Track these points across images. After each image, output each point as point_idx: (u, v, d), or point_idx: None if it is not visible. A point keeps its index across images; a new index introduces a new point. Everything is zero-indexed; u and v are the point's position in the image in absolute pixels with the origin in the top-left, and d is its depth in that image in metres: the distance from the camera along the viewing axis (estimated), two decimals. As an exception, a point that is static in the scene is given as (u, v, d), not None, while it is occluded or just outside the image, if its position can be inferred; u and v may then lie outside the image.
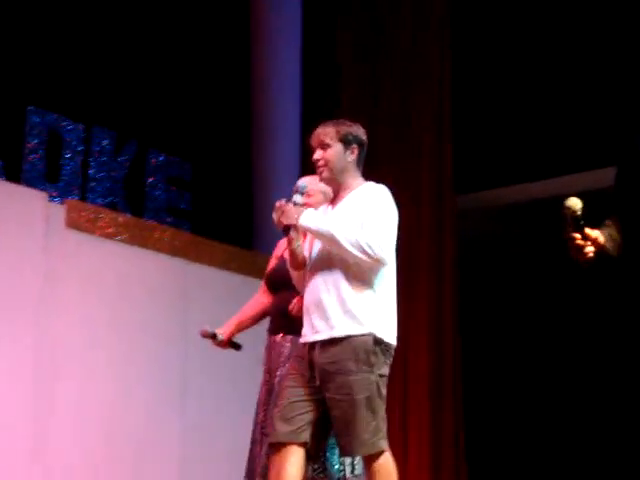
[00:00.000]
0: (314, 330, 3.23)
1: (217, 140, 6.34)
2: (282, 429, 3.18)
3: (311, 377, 3.21)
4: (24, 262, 4.44)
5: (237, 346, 3.75)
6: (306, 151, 6.34)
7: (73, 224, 4.67)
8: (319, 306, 3.23)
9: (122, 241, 4.88)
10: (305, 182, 3.41)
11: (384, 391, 3.21)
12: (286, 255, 3.60)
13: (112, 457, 4.62)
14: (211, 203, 6.25)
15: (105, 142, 5.57)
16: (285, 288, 3.58)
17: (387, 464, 3.18)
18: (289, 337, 3.54)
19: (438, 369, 5.90)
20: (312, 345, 3.22)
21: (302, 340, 3.26)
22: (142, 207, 5.76)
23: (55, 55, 5.45)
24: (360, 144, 3.39)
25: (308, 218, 3.26)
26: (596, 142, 5.80)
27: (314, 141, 3.38)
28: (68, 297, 4.58)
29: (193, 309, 5.14)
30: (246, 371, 3.74)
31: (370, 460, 3.17)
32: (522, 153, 6.05)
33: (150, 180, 5.83)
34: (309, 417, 3.20)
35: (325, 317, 3.21)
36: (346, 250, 3.18)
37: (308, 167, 5.78)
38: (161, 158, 5.91)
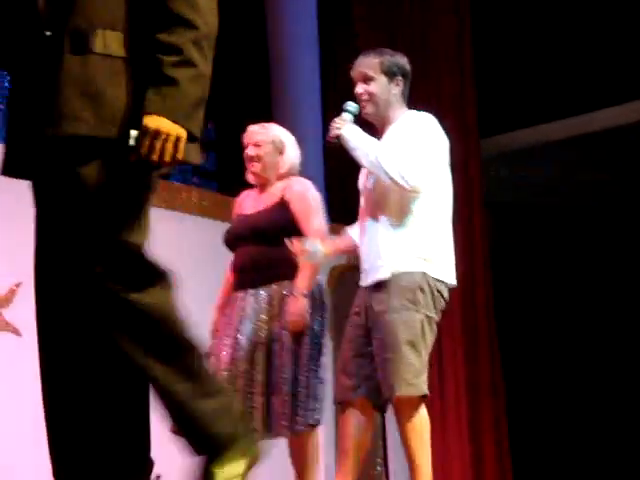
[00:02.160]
0: (366, 274, 3.23)
1: (238, 97, 6.33)
2: (344, 383, 3.20)
3: (366, 322, 3.20)
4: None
5: None
6: (327, 106, 6.37)
7: (101, 190, 4.69)
8: (369, 250, 3.22)
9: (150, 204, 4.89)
10: (356, 106, 3.30)
11: (429, 335, 3.12)
12: (243, 211, 3.73)
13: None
14: (236, 162, 6.25)
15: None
16: (240, 243, 3.62)
17: (423, 413, 3.12)
18: (250, 291, 3.54)
19: (472, 324, 5.90)
20: (367, 289, 3.21)
21: (361, 282, 3.26)
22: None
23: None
24: (404, 75, 3.28)
25: (352, 131, 3.17)
26: (610, 79, 5.72)
27: (356, 74, 3.26)
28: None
29: (225, 267, 5.16)
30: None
31: (407, 405, 3.09)
32: (540, 94, 5.99)
33: (174, 142, 5.83)
34: (365, 372, 3.19)
35: (373, 260, 3.20)
36: (382, 171, 3.09)
37: (329, 122, 5.78)
38: (184, 119, 5.90)
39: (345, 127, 3.18)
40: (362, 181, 3.38)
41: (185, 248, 5.04)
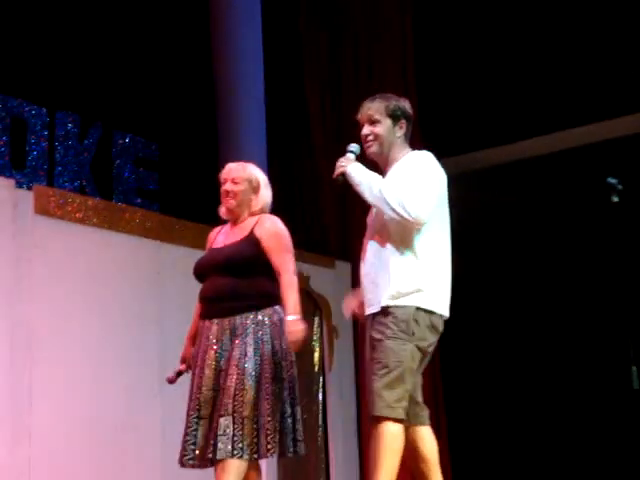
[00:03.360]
0: (368, 304, 3.38)
1: (182, 118, 6.32)
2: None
3: (368, 353, 3.35)
4: (-6, 250, 4.40)
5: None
6: (272, 128, 6.39)
7: (42, 210, 4.63)
8: (369, 279, 3.37)
9: (92, 225, 4.85)
10: (357, 147, 3.46)
11: (418, 364, 3.29)
12: (214, 245, 3.82)
13: (93, 441, 4.61)
14: (179, 182, 6.22)
15: (70, 126, 5.52)
16: (209, 274, 3.70)
17: (398, 434, 3.23)
18: (215, 320, 3.62)
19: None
20: (368, 318, 3.37)
21: (365, 314, 3.40)
22: (111, 190, 5.73)
23: (14, 40, 5.38)
24: (408, 118, 3.44)
25: (356, 167, 3.34)
26: (560, 102, 5.83)
27: (362, 116, 3.43)
28: (41, 283, 4.55)
29: (167, 289, 5.13)
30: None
31: (385, 424, 3.22)
32: (491, 116, 6.09)
33: (117, 162, 5.79)
34: None
35: (374, 290, 3.34)
36: (385, 203, 3.24)
37: (274, 146, 5.80)
38: (127, 139, 5.87)
39: (350, 164, 3.35)
40: (371, 212, 3.53)
41: (127, 269, 4.99)
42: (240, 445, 3.43)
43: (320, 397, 5.94)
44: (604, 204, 3.50)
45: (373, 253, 3.36)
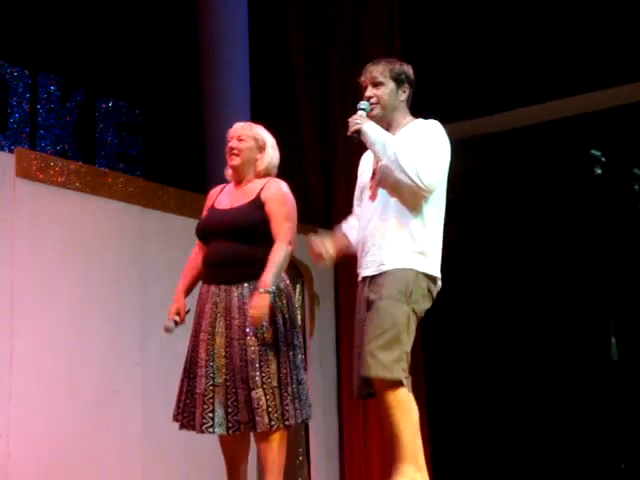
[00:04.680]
0: (366, 266, 3.34)
1: (166, 84, 6.26)
2: (356, 383, 3.30)
3: (363, 316, 3.31)
4: (-25, 214, 4.37)
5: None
6: (256, 93, 6.36)
7: (23, 173, 4.59)
8: (372, 242, 3.32)
9: (74, 189, 4.81)
10: (367, 104, 3.42)
11: (413, 328, 3.25)
12: (217, 205, 3.75)
13: (75, 408, 4.61)
14: (162, 148, 6.19)
15: (52, 88, 5.47)
16: (215, 238, 3.65)
17: (406, 396, 3.19)
18: (223, 287, 3.60)
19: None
20: (364, 280, 3.34)
21: (359, 277, 3.37)
22: (93, 154, 5.69)
23: (-4, 0, 5.31)
24: (411, 84, 3.44)
25: (371, 126, 3.31)
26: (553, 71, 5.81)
27: (366, 78, 3.41)
28: (21, 248, 4.52)
29: (149, 254, 5.12)
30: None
31: (386, 389, 3.18)
32: (475, 86, 6.07)
33: (100, 126, 5.75)
34: None
35: (377, 252, 3.30)
36: (399, 167, 3.22)
37: (259, 110, 5.78)
38: (110, 104, 5.82)
39: (365, 123, 3.31)
40: (366, 176, 3.47)
41: (110, 234, 4.97)
42: (275, 415, 3.47)
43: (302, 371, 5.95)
44: (587, 176, 3.51)
45: (379, 215, 3.31)
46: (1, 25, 5.31)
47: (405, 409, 3.17)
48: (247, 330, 3.51)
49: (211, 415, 3.52)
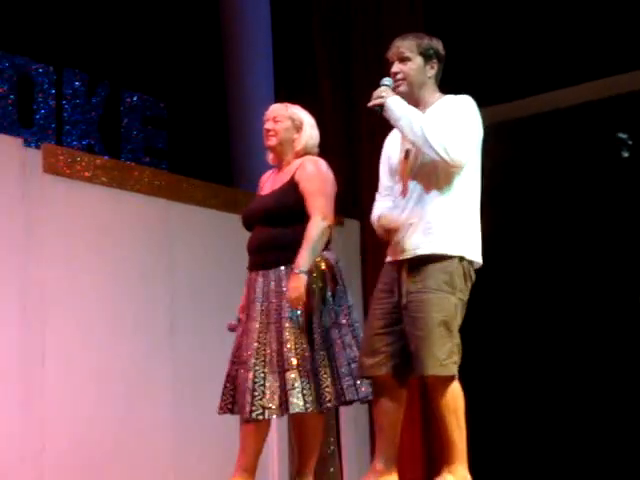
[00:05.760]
0: (402, 249, 3.18)
1: (191, 77, 6.27)
2: (366, 362, 3.21)
3: (398, 299, 3.18)
4: (2, 210, 4.41)
5: None
6: (280, 83, 6.34)
7: (50, 169, 4.62)
8: (410, 223, 3.18)
9: (101, 183, 4.84)
10: (391, 80, 3.28)
11: (461, 316, 3.16)
12: (262, 191, 3.71)
13: (105, 400, 4.65)
14: (188, 141, 6.20)
15: (77, 84, 5.50)
16: (254, 225, 3.62)
17: (457, 393, 3.13)
18: (261, 272, 3.56)
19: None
20: (400, 265, 3.19)
21: (390, 259, 3.24)
22: (119, 148, 5.72)
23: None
24: (440, 59, 3.28)
25: (396, 100, 3.16)
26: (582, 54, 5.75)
27: (393, 53, 3.26)
28: (50, 243, 4.56)
29: (177, 248, 5.14)
30: (233, 307, 3.76)
31: (440, 384, 3.11)
32: (500, 71, 6.02)
33: (125, 120, 5.77)
34: (392, 349, 3.18)
35: (415, 235, 3.16)
36: (426, 142, 3.08)
37: (283, 100, 5.75)
38: (135, 98, 5.85)
39: (390, 97, 3.16)
40: (396, 156, 3.31)
41: (137, 228, 5.00)
42: (310, 398, 3.42)
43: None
44: (615, 159, 3.47)
45: (416, 197, 3.16)
46: (25, 22, 5.35)
47: (457, 407, 3.11)
48: (282, 314, 3.47)
49: (260, 402, 3.44)
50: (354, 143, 6.37)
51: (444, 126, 3.10)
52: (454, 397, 3.11)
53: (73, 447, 4.47)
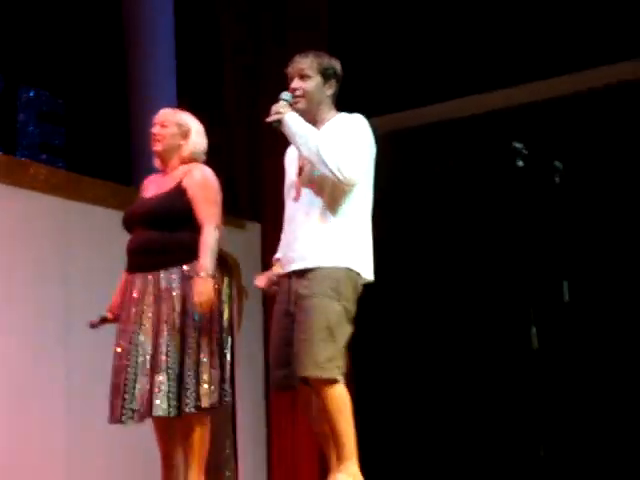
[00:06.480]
0: (291, 261, 3.31)
1: (90, 73, 6.16)
2: (278, 374, 3.32)
3: (290, 308, 3.29)
4: None
5: None
6: (183, 83, 6.29)
7: (-59, 164, 4.48)
8: (296, 238, 3.31)
9: (-5, 180, 4.72)
10: (289, 95, 3.39)
11: (348, 325, 3.26)
12: (144, 194, 3.75)
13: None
14: (86, 139, 6.10)
15: (-30, 78, 5.34)
16: (136, 226, 3.64)
17: (341, 394, 3.21)
18: (139, 275, 3.58)
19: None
20: (289, 275, 3.31)
21: (283, 271, 3.36)
22: (14, 144, 5.58)
23: None
24: (338, 79, 3.41)
25: (293, 117, 3.28)
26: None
27: (293, 70, 3.37)
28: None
29: (74, 247, 5.03)
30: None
31: (322, 387, 3.19)
32: (402, 79, 6.11)
33: (21, 116, 5.64)
34: None
35: (302, 248, 3.28)
36: (321, 160, 3.20)
37: (185, 99, 5.71)
38: (31, 93, 5.72)
39: (288, 113, 3.28)
40: (291, 171, 3.45)
41: (32, 226, 4.88)
42: (174, 403, 3.44)
43: (228, 358, 5.94)
44: (510, 168, 3.57)
45: (303, 211, 3.30)
46: None
47: (342, 407, 3.18)
48: (160, 317, 3.49)
49: (130, 406, 3.47)
50: (256, 152, 6.39)
51: (338, 145, 3.22)
52: (338, 399, 3.19)
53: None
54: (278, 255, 3.52)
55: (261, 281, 3.53)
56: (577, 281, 4.07)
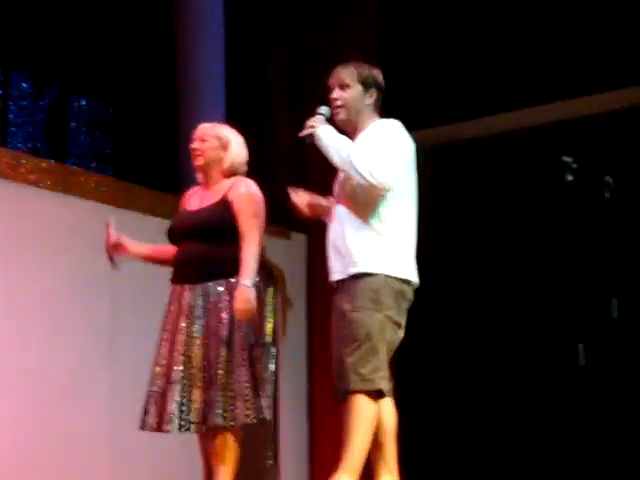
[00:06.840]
0: (332, 270, 3.35)
1: (141, 83, 6.23)
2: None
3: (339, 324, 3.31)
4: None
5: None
6: (231, 95, 6.33)
7: (-6, 170, 4.55)
8: (335, 247, 3.33)
9: (46, 187, 4.78)
10: (327, 109, 3.42)
11: (390, 334, 3.25)
12: (187, 207, 3.77)
13: (38, 405, 4.56)
14: (136, 148, 6.16)
15: (24, 86, 5.43)
16: (182, 239, 3.67)
17: (372, 408, 3.21)
18: (187, 286, 3.60)
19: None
20: (334, 287, 3.34)
21: (329, 281, 3.38)
22: (65, 152, 5.66)
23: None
24: (379, 88, 3.40)
25: (326, 129, 3.29)
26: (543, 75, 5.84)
27: (333, 80, 3.37)
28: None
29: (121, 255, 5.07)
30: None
31: (362, 400, 3.18)
32: (448, 93, 6.09)
33: (73, 125, 5.72)
34: None
35: (338, 258, 3.31)
36: (353, 168, 3.20)
37: (234, 111, 5.74)
38: (83, 102, 5.80)
39: (320, 126, 3.29)
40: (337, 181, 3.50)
41: (80, 233, 4.93)
42: (220, 412, 3.44)
43: (272, 368, 5.94)
44: (559, 182, 3.54)
45: (340, 220, 3.32)
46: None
47: (367, 423, 3.18)
48: (209, 329, 3.51)
49: (169, 413, 3.49)
50: (304, 162, 6.40)
51: (370, 151, 3.22)
52: (367, 412, 3.18)
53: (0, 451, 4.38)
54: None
55: (302, 197, 3.54)
56: (626, 298, 4.01)
